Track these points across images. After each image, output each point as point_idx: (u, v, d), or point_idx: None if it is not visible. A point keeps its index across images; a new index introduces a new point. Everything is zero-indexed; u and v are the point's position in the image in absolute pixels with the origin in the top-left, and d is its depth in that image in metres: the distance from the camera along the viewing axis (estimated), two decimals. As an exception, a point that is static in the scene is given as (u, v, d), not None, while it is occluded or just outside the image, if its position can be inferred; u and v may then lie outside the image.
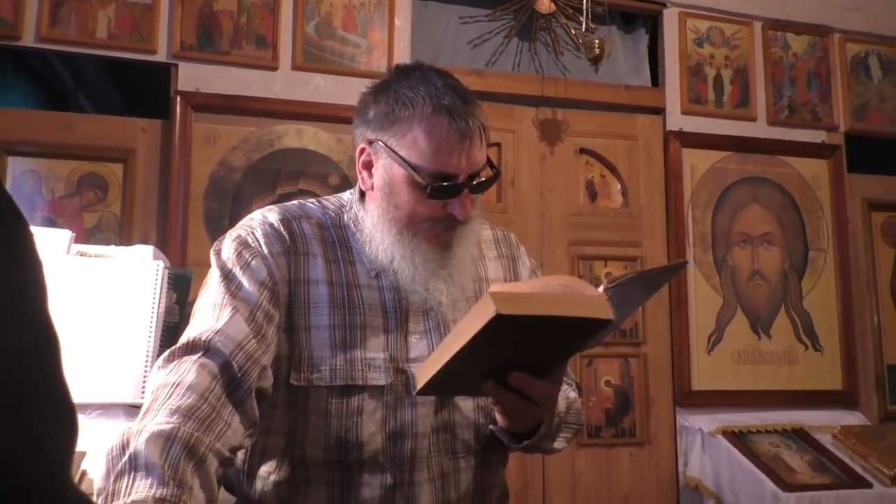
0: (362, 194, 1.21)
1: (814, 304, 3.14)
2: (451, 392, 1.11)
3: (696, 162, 3.09)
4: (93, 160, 2.52)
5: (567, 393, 1.24)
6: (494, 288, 0.92)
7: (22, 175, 2.48)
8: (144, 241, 2.51)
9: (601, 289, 0.97)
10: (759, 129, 3.20)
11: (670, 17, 3.16)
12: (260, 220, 1.17)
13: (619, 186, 3.07)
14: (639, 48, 3.23)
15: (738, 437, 2.74)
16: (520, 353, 0.96)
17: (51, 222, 2.48)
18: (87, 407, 1.12)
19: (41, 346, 0.55)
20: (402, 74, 1.15)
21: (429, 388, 1.00)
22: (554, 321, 0.88)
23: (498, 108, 2.95)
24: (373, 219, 1.16)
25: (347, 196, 1.25)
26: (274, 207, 1.21)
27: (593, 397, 2.89)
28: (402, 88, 1.11)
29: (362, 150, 1.16)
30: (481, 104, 1.14)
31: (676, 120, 3.11)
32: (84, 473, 1.00)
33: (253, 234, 1.14)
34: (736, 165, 3.14)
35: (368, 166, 1.16)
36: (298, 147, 2.66)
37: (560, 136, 3.01)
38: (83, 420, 1.14)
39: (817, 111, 3.28)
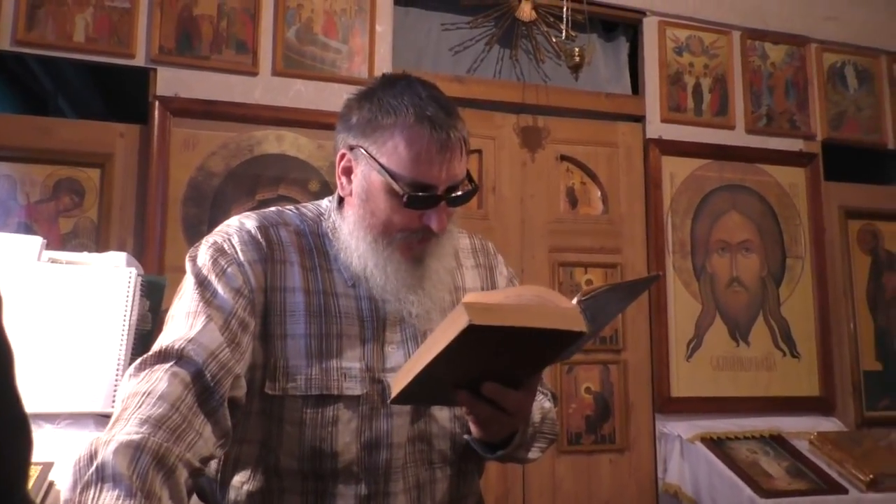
0: (341, 202, 1.20)
1: (791, 310, 3.17)
2: (426, 401, 1.11)
3: (675, 169, 3.12)
4: (70, 165, 2.49)
5: (542, 403, 1.24)
6: (468, 298, 0.92)
7: (-3, 179, 2.45)
8: (121, 247, 2.48)
9: (574, 301, 0.97)
10: (737, 137, 3.23)
11: (650, 26, 3.19)
12: (237, 226, 1.16)
13: (599, 193, 3.09)
14: (619, 56, 3.25)
15: (717, 444, 2.76)
16: (493, 363, 0.96)
17: (26, 228, 2.44)
18: (57, 416, 1.11)
19: None
20: (387, 83, 1.14)
21: (403, 397, 1.00)
22: (527, 332, 0.88)
23: (479, 115, 2.95)
24: (349, 225, 1.15)
25: (326, 204, 1.25)
26: (252, 214, 1.20)
27: (573, 404, 2.90)
28: (387, 97, 1.11)
29: (343, 156, 1.15)
30: (464, 118, 1.14)
31: (656, 128, 3.13)
32: (52, 484, 0.99)
33: (229, 240, 1.13)
34: (715, 173, 3.17)
35: (348, 172, 1.15)
36: (278, 153, 2.65)
37: (541, 143, 3.02)
38: (52, 430, 1.13)
39: (795, 120, 3.32)
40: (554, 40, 3.01)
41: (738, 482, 2.57)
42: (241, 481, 1.12)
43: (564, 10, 2.73)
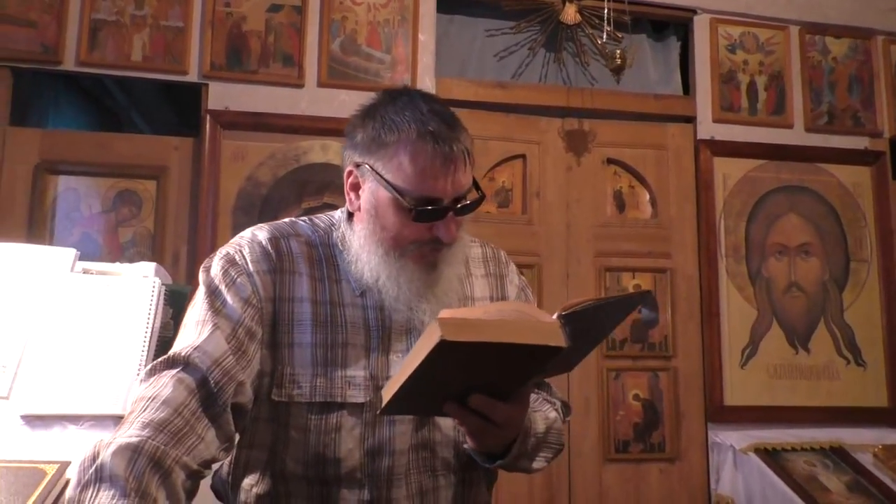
0: (350, 214, 1.23)
1: (856, 317, 3.02)
2: (414, 412, 1.12)
3: (728, 171, 3.02)
4: (128, 177, 2.63)
5: (546, 413, 1.23)
6: (444, 313, 0.92)
7: (63, 192, 2.61)
8: (176, 255, 2.61)
9: (555, 316, 0.96)
10: (796, 136, 3.11)
11: (701, 24, 3.10)
12: (249, 238, 1.20)
13: (648, 197, 3.02)
14: (670, 57, 3.18)
15: (771, 455, 2.65)
16: (476, 376, 0.96)
17: (89, 238, 2.59)
18: (80, 418, 1.18)
19: None
20: (389, 99, 1.16)
21: (390, 408, 1.01)
22: (503, 347, 0.88)
23: (523, 120, 2.95)
24: (360, 239, 1.17)
25: (338, 215, 1.27)
26: (264, 226, 1.24)
27: (621, 411, 2.85)
28: (389, 113, 1.12)
29: (350, 173, 1.17)
30: (467, 129, 1.14)
31: (708, 128, 3.05)
32: (68, 482, 1.05)
33: (241, 251, 1.17)
34: (771, 174, 3.06)
35: (356, 188, 1.17)
36: (323, 162, 2.72)
37: (587, 147, 2.99)
38: (76, 430, 1.20)
39: (859, 116, 3.17)
40: (600, 42, 2.97)
41: (793, 496, 2.47)
42: (251, 484, 1.16)
43: (606, 11, 2.69)
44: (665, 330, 2.91)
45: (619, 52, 2.57)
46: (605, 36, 2.66)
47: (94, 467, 0.89)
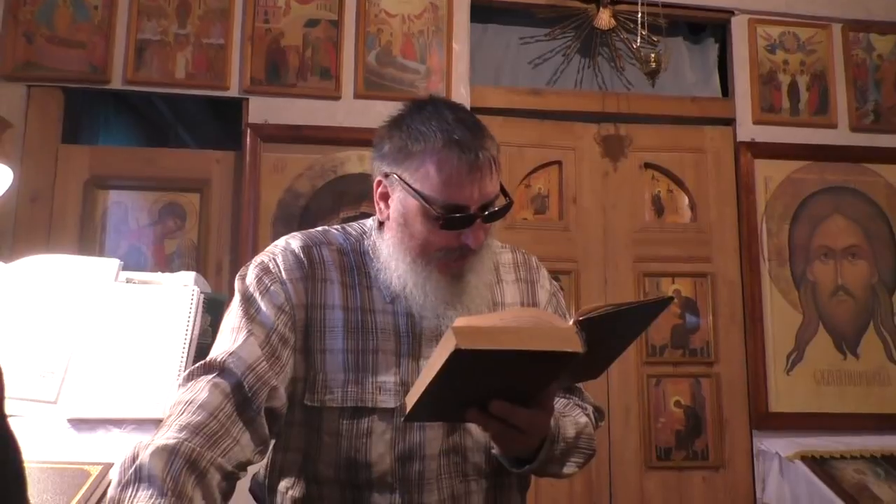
0: (381, 223, 1.25)
1: (908, 321, 2.93)
2: (438, 418, 1.12)
3: (770, 173, 2.97)
4: (173, 191, 2.72)
5: (577, 418, 1.23)
6: (458, 321, 0.93)
7: (112, 206, 2.71)
8: (219, 266, 2.68)
9: (571, 321, 0.96)
10: (840, 136, 3.03)
11: (739, 25, 3.06)
12: (283, 246, 1.24)
13: (687, 201, 2.99)
14: (707, 58, 3.15)
15: (819, 463, 2.58)
16: (496, 382, 0.97)
17: (136, 250, 2.68)
18: (123, 421, 1.23)
19: None
20: (415, 109, 1.18)
21: (414, 415, 1.03)
22: (520, 354, 0.88)
23: (558, 126, 2.94)
24: (389, 247, 1.19)
25: (370, 223, 1.30)
26: (298, 234, 1.27)
27: (662, 418, 2.81)
28: (415, 123, 1.14)
29: (379, 183, 1.20)
30: (493, 136, 1.16)
31: (748, 130, 3.00)
32: (111, 482, 1.10)
33: (274, 260, 1.21)
34: (815, 175, 2.99)
35: (385, 198, 1.19)
36: (360, 172, 2.76)
37: (623, 152, 2.97)
38: (119, 433, 1.25)
39: (907, 114, 3.08)
40: (635, 46, 2.95)
41: (841, 505, 2.40)
42: (287, 487, 1.18)
43: (639, 14, 2.67)
44: (706, 335, 2.86)
45: (653, 55, 2.56)
46: (639, 40, 2.64)
47: (133, 468, 0.92)
